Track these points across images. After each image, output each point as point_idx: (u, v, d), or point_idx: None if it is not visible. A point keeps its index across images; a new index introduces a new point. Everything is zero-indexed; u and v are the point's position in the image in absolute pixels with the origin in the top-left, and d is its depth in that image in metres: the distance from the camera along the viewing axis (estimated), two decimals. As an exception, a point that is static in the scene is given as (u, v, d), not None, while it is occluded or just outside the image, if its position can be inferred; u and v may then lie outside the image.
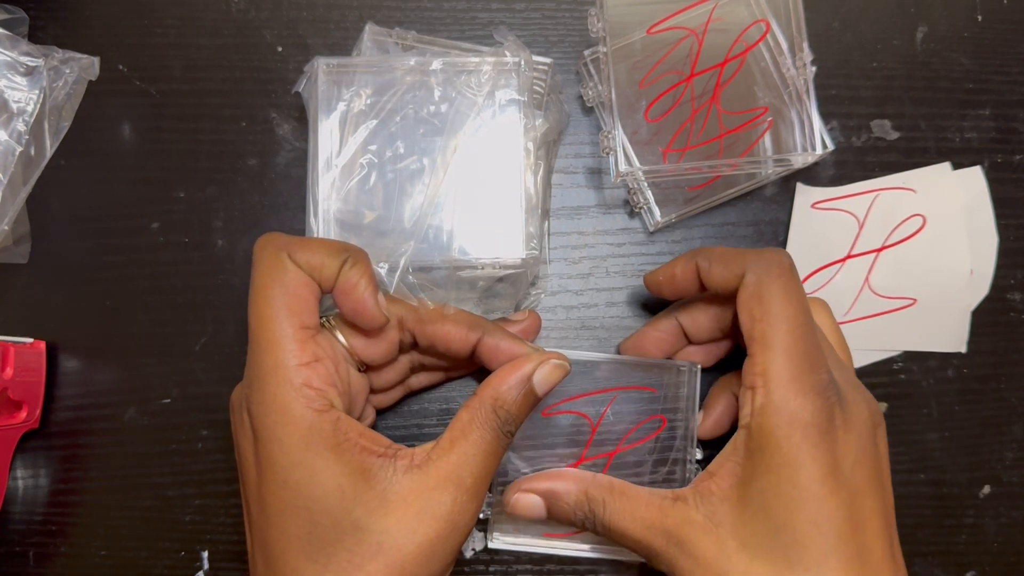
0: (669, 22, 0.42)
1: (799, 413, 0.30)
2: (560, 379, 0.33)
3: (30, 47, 0.44)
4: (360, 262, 0.32)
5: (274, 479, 0.29)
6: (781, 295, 0.32)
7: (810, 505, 0.29)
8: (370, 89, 0.40)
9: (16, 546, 0.43)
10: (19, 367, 0.41)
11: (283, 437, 0.29)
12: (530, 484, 0.35)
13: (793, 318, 0.31)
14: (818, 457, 0.29)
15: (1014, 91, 0.46)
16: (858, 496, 0.30)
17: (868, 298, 0.44)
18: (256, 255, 0.32)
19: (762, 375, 0.31)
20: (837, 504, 0.29)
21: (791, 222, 0.44)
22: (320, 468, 0.29)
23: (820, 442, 0.30)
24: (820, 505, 0.29)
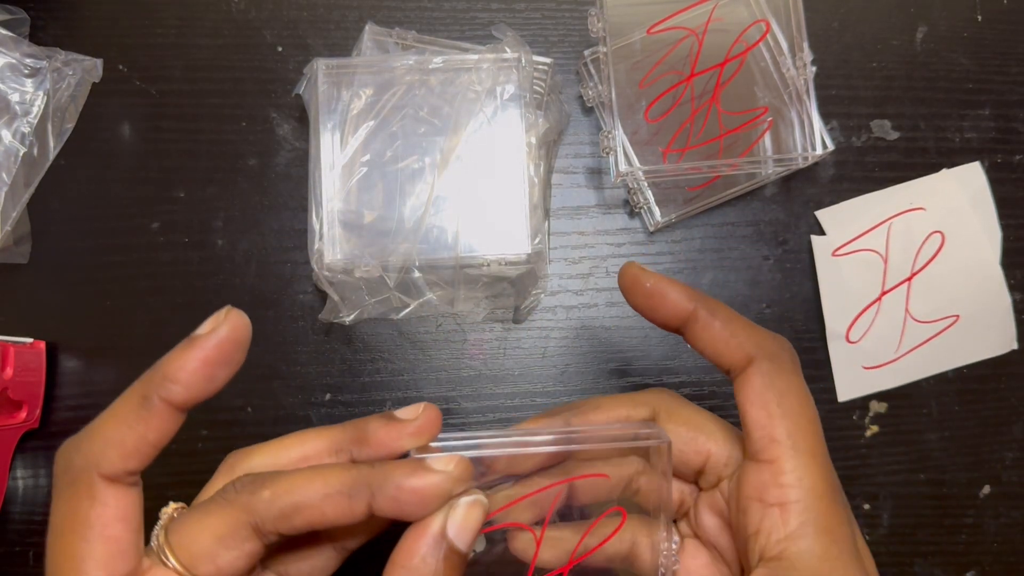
0: (669, 22, 0.42)
1: (839, 534, 0.25)
2: (483, 517, 0.25)
3: (33, 48, 0.44)
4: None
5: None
6: (801, 394, 0.27)
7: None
8: (370, 89, 0.40)
9: (16, 546, 0.43)
10: (19, 367, 0.41)
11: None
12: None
13: (814, 421, 0.27)
14: None
15: (1014, 91, 0.46)
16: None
17: (913, 328, 0.44)
18: (56, 478, 0.24)
19: (797, 487, 0.25)
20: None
21: (818, 278, 0.44)
22: None
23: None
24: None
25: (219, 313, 0.24)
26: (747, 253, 0.45)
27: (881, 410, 0.44)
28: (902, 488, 0.44)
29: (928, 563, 0.44)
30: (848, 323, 0.44)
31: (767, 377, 0.27)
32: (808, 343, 0.44)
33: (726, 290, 0.45)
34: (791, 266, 0.45)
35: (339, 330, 0.44)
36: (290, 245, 0.44)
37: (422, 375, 0.44)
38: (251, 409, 0.43)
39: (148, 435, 0.24)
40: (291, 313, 0.44)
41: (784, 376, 0.27)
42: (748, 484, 0.26)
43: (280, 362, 0.43)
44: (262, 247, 0.44)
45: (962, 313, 0.44)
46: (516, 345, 0.44)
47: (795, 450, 0.26)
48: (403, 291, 0.40)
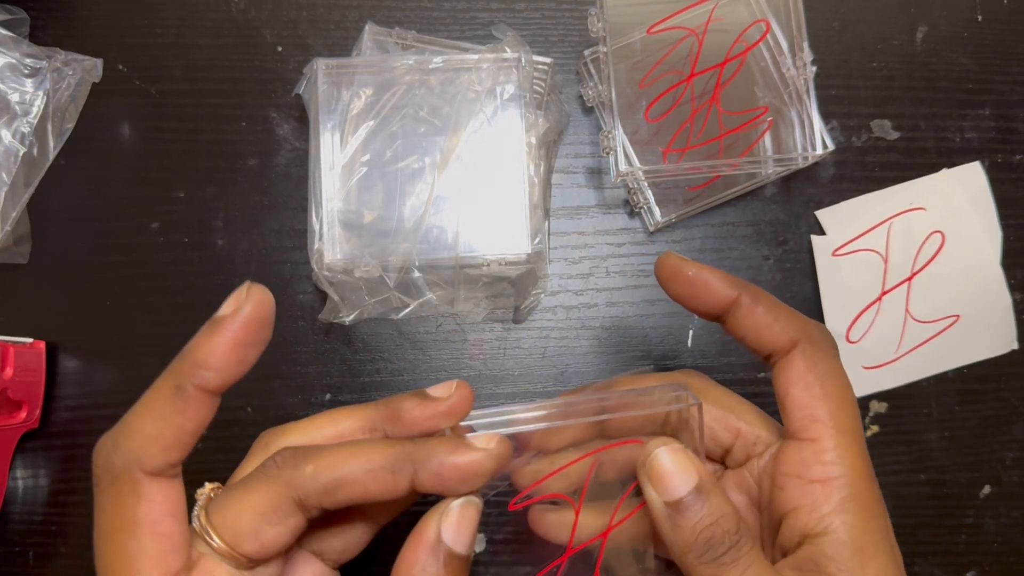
0: (669, 22, 0.42)
1: (877, 510, 0.26)
2: (477, 517, 0.25)
3: (33, 48, 0.44)
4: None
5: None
6: (841, 377, 0.28)
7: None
8: (370, 89, 0.40)
9: (16, 546, 0.43)
10: (19, 367, 0.41)
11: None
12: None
13: (853, 404, 0.28)
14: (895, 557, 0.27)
15: (1014, 91, 0.46)
16: None
17: (913, 328, 0.44)
18: (97, 478, 0.24)
19: (839, 464, 0.26)
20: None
21: (818, 278, 0.44)
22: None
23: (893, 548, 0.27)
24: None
25: (240, 291, 0.23)
26: (747, 253, 0.45)
27: (881, 410, 0.44)
28: (902, 488, 0.44)
29: (928, 563, 0.44)
30: (848, 323, 0.44)
31: (810, 360, 0.27)
32: (808, 343, 0.44)
33: (726, 290, 0.44)
34: (791, 266, 0.45)
35: (339, 330, 0.44)
36: (290, 245, 0.44)
37: (422, 375, 0.44)
38: (251, 409, 0.43)
39: (186, 425, 0.23)
40: (291, 313, 0.44)
41: (826, 359, 0.28)
42: (787, 462, 0.27)
43: (280, 362, 0.43)
44: (262, 247, 0.44)
45: (962, 313, 0.44)
46: (516, 345, 0.44)
47: (837, 429, 0.26)
48: (403, 291, 0.40)
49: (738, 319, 0.29)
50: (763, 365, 0.44)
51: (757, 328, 0.29)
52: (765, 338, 0.28)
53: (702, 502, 0.25)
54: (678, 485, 0.25)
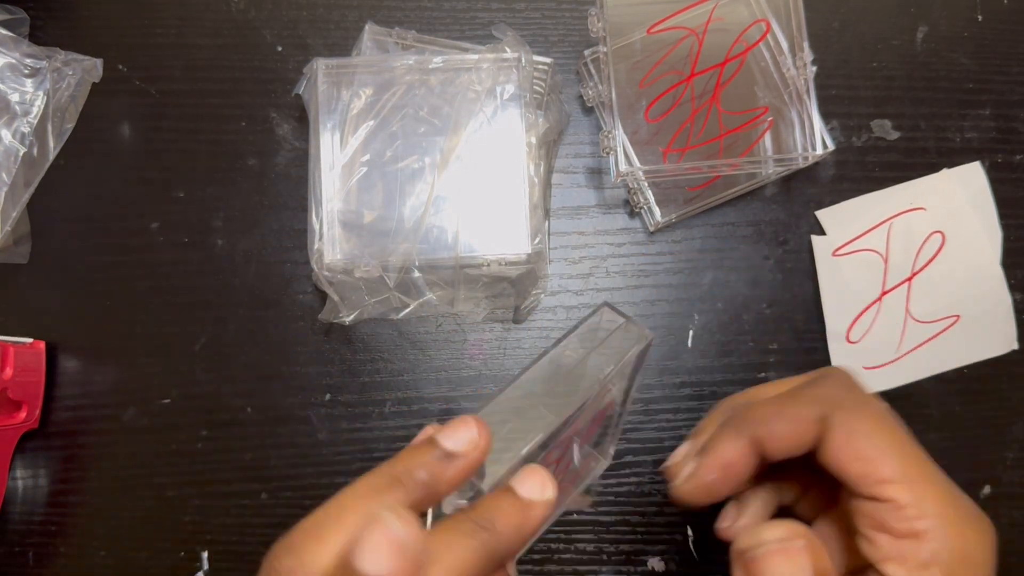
0: (669, 22, 0.42)
1: (978, 559, 0.26)
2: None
3: (33, 48, 0.44)
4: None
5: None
6: (887, 426, 0.27)
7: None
8: (370, 89, 0.40)
9: (16, 546, 0.43)
10: (19, 367, 0.41)
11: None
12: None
13: (911, 446, 0.27)
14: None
15: (1014, 91, 0.46)
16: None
17: (914, 328, 0.44)
18: None
19: (922, 517, 0.25)
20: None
21: (818, 278, 0.44)
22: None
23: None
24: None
25: (469, 428, 0.24)
26: (747, 253, 0.45)
27: (881, 410, 0.44)
28: (902, 488, 0.44)
29: (928, 563, 0.44)
30: (849, 323, 0.44)
31: (846, 428, 0.26)
32: (808, 343, 0.44)
33: (727, 290, 0.44)
34: (791, 266, 0.45)
35: (339, 330, 0.44)
36: (290, 245, 0.44)
37: (422, 375, 0.44)
38: (251, 409, 0.43)
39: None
40: (291, 313, 0.44)
41: (862, 418, 0.26)
42: (869, 518, 0.26)
43: (280, 362, 0.43)
44: (262, 247, 0.44)
45: (962, 313, 0.44)
46: (516, 345, 0.44)
47: (907, 482, 0.25)
48: (403, 291, 0.40)
49: (769, 449, 0.27)
50: (764, 365, 0.44)
51: (796, 439, 0.27)
52: (803, 439, 0.27)
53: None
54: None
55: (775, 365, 0.44)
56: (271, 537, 0.23)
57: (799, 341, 0.44)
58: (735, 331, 0.44)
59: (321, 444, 0.43)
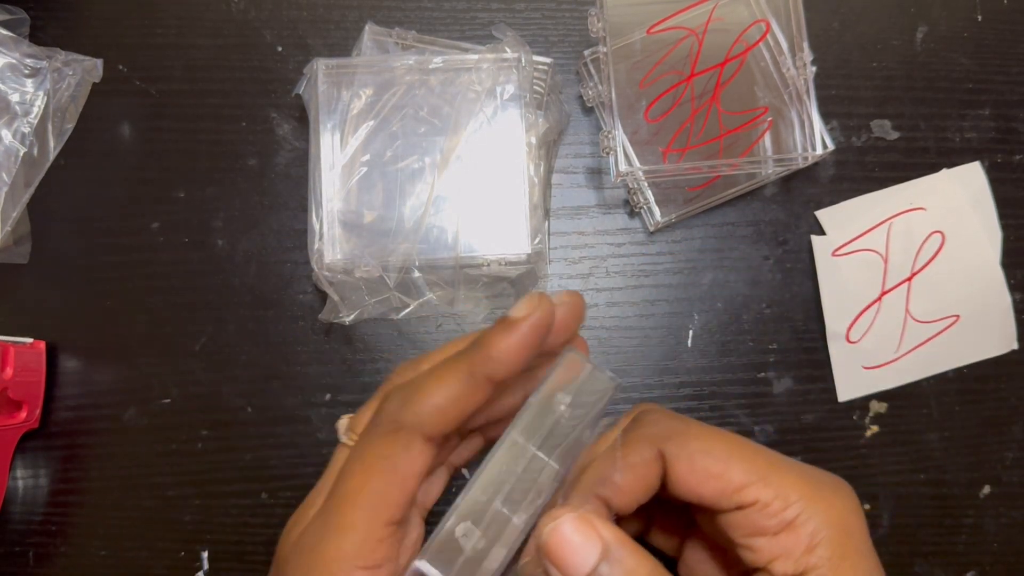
0: (669, 22, 0.42)
1: (854, 524, 0.25)
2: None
3: (33, 48, 0.44)
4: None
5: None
6: (717, 439, 0.26)
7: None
8: (370, 89, 0.40)
9: (16, 546, 0.43)
10: (19, 367, 0.41)
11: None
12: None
13: (749, 446, 0.26)
14: (877, 561, 0.26)
15: (1014, 91, 0.46)
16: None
17: (913, 328, 0.44)
18: (379, 420, 0.25)
19: (789, 508, 0.25)
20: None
21: (818, 278, 0.44)
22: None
23: (871, 546, 0.26)
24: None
25: (532, 297, 0.25)
26: (747, 253, 0.45)
27: (881, 410, 0.44)
28: (902, 488, 0.44)
29: (928, 563, 0.44)
30: (848, 323, 0.44)
31: (684, 456, 0.26)
32: (808, 343, 0.44)
33: (726, 290, 0.45)
34: (791, 266, 0.45)
35: (339, 330, 0.44)
36: (290, 245, 0.44)
37: (422, 375, 0.44)
38: (251, 409, 0.43)
39: (467, 408, 0.25)
40: (291, 313, 0.44)
41: (693, 438, 0.26)
42: (740, 527, 0.25)
43: (280, 362, 0.43)
44: (262, 247, 0.44)
45: (962, 313, 0.44)
46: (516, 345, 0.44)
47: (762, 479, 0.25)
48: (403, 291, 0.40)
49: (623, 503, 0.27)
50: (763, 365, 0.44)
51: (635, 492, 0.26)
52: (646, 488, 0.26)
53: (611, 574, 0.23)
54: (580, 563, 0.23)
55: (775, 365, 0.44)
56: (271, 537, 0.23)
57: (799, 341, 0.44)
58: (735, 331, 0.44)
59: (321, 444, 0.43)
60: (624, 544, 0.23)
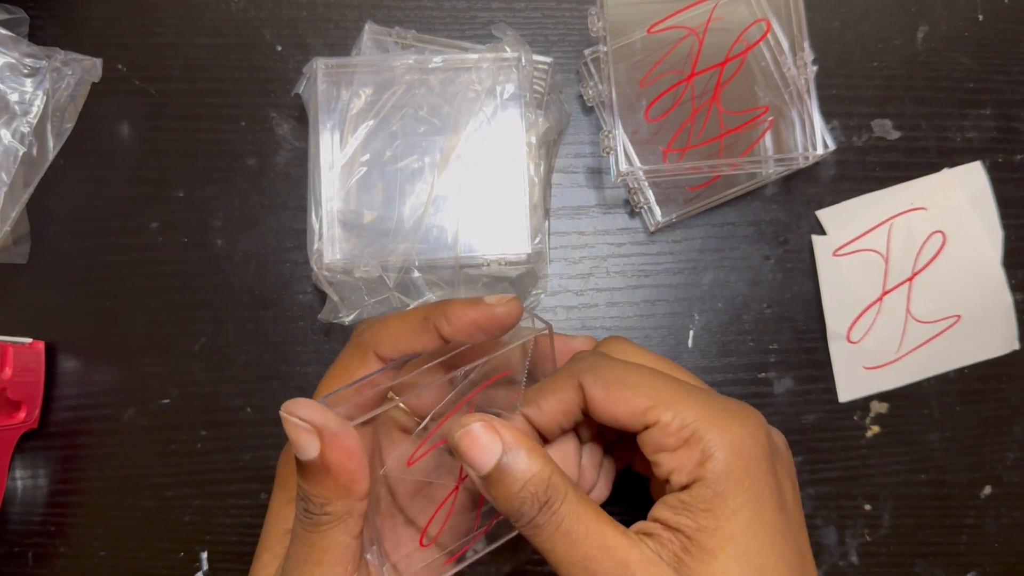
0: (669, 21, 0.42)
1: (747, 447, 0.27)
2: None
3: (32, 48, 0.44)
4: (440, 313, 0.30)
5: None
6: (629, 370, 0.29)
7: (778, 541, 0.27)
8: (370, 88, 0.40)
9: (15, 546, 0.43)
10: (18, 367, 0.41)
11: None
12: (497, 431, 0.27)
13: (654, 373, 0.29)
14: (773, 488, 0.27)
15: (1015, 91, 0.46)
16: (799, 521, 0.29)
17: (914, 328, 0.44)
18: (350, 340, 0.32)
19: (685, 425, 0.27)
20: (792, 535, 0.28)
21: (819, 278, 0.44)
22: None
23: (769, 472, 0.28)
24: (785, 540, 0.27)
25: (506, 296, 0.29)
26: (748, 253, 0.45)
27: (882, 410, 0.44)
28: (903, 488, 0.44)
29: (929, 563, 0.44)
30: (849, 323, 0.44)
31: (599, 383, 0.29)
32: (809, 343, 0.44)
33: (727, 290, 0.44)
34: (792, 266, 0.45)
35: (339, 330, 0.44)
36: (289, 245, 0.44)
37: (422, 375, 0.44)
38: (250, 409, 0.43)
39: (414, 345, 0.30)
40: (290, 313, 0.44)
41: (607, 369, 0.29)
42: (647, 445, 0.28)
43: (280, 362, 0.43)
44: (261, 247, 0.44)
45: (963, 313, 0.44)
46: (516, 345, 0.44)
47: (663, 403, 0.28)
48: (402, 291, 0.40)
49: (547, 422, 0.31)
50: (764, 365, 0.44)
51: (558, 414, 0.30)
52: (568, 412, 0.30)
53: (508, 470, 0.26)
54: (483, 460, 0.26)
55: (775, 365, 0.44)
56: (270, 538, 0.23)
57: (799, 341, 0.44)
58: (735, 331, 0.44)
59: (321, 444, 0.43)
60: (521, 441, 0.27)
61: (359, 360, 0.31)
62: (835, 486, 0.44)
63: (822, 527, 0.44)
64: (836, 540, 0.43)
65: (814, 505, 0.44)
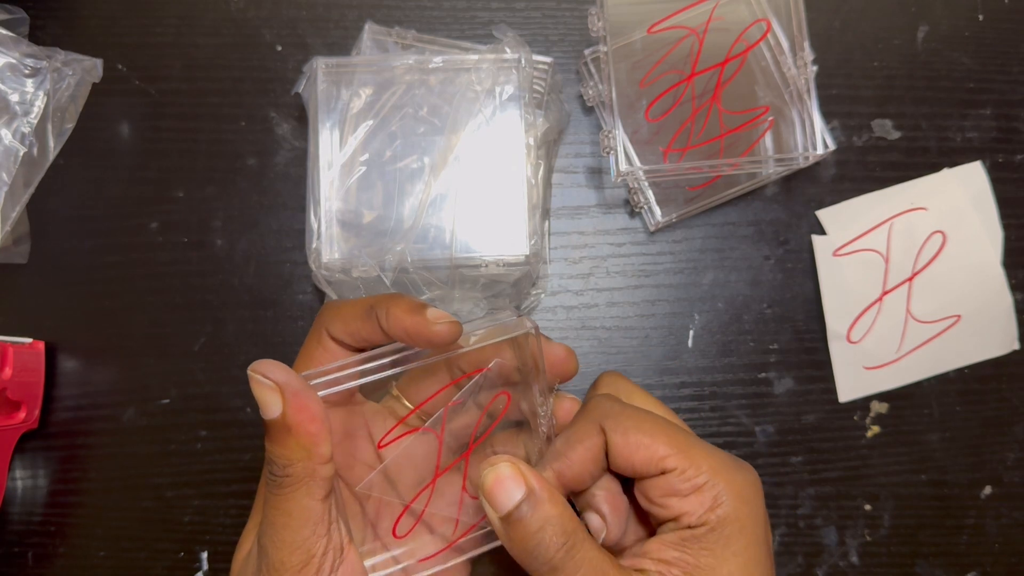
0: (669, 21, 0.42)
1: (750, 496, 0.29)
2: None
3: (33, 48, 0.44)
4: (386, 306, 0.30)
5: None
6: (647, 418, 0.30)
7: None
8: (369, 88, 0.40)
9: (15, 547, 0.43)
10: (18, 367, 0.41)
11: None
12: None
13: (669, 424, 0.30)
14: (766, 533, 0.30)
15: (1015, 91, 0.46)
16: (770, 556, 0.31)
17: (914, 328, 0.44)
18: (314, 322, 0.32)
19: (701, 475, 0.29)
20: (772, 572, 0.30)
21: (819, 278, 0.44)
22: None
23: (765, 519, 0.30)
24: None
25: (447, 317, 0.29)
26: (748, 253, 0.45)
27: (882, 410, 0.44)
28: (903, 489, 0.44)
29: (929, 564, 0.43)
30: (849, 323, 0.44)
31: (619, 431, 0.30)
32: (809, 343, 0.44)
33: (727, 290, 0.44)
34: (792, 266, 0.45)
35: (339, 330, 0.44)
36: (289, 245, 0.44)
37: (422, 375, 0.44)
38: (250, 409, 0.43)
39: (360, 330, 0.31)
40: (290, 313, 0.44)
41: (627, 416, 0.30)
42: (657, 489, 0.30)
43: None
44: (261, 247, 0.44)
45: (963, 313, 0.44)
46: (516, 345, 0.44)
47: (680, 451, 0.29)
48: (400, 291, 0.40)
49: (574, 476, 0.31)
50: (764, 365, 0.44)
51: (587, 463, 0.31)
52: (596, 460, 0.31)
53: (530, 512, 0.27)
54: (506, 500, 0.27)
55: (775, 365, 0.44)
56: (269, 538, 0.23)
57: (799, 341, 0.44)
58: (735, 331, 0.44)
59: (321, 444, 0.43)
60: (546, 491, 0.28)
61: (315, 341, 0.32)
62: (835, 486, 0.44)
63: (822, 527, 0.43)
64: (836, 540, 0.43)
65: (814, 505, 0.44)
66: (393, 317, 0.29)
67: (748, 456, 0.43)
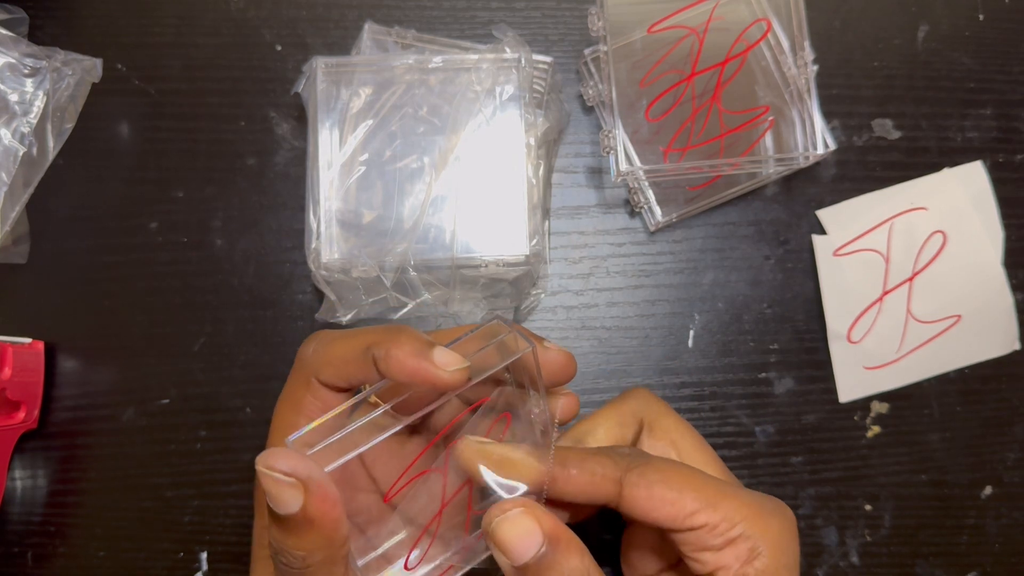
0: (670, 21, 0.42)
1: (787, 543, 0.29)
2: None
3: (32, 48, 0.44)
4: (386, 344, 0.27)
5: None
6: (675, 469, 0.29)
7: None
8: (369, 88, 0.40)
9: (14, 547, 0.43)
10: (18, 367, 0.41)
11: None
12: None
13: (697, 472, 0.29)
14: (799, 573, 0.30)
15: (1016, 90, 0.46)
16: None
17: (915, 328, 0.44)
18: (296, 360, 0.30)
19: (734, 527, 0.28)
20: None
21: (819, 278, 0.44)
22: None
23: (799, 564, 0.30)
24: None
25: (458, 362, 0.27)
26: (748, 253, 0.45)
27: (883, 411, 0.44)
28: (904, 489, 0.44)
29: (930, 564, 0.43)
30: (849, 323, 0.44)
31: (642, 484, 0.28)
32: (809, 343, 0.44)
33: (727, 290, 0.44)
34: (792, 266, 0.45)
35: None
36: (289, 245, 0.44)
37: (422, 375, 0.44)
38: (250, 409, 0.43)
39: (355, 375, 0.29)
40: (290, 313, 0.44)
41: (653, 468, 0.28)
42: (691, 543, 0.28)
43: (279, 362, 0.43)
44: (261, 247, 0.44)
45: (964, 313, 0.44)
46: (516, 345, 0.44)
47: (712, 507, 0.28)
48: (400, 291, 0.40)
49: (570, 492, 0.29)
50: (764, 365, 0.44)
51: (587, 494, 0.29)
52: (596, 496, 0.29)
53: (547, 564, 0.26)
54: (523, 552, 0.26)
55: (775, 365, 0.44)
56: (268, 538, 0.23)
57: (800, 341, 0.44)
58: (736, 331, 0.44)
59: (320, 444, 0.43)
60: (563, 538, 0.26)
61: (303, 388, 0.29)
62: (835, 486, 0.44)
63: (822, 527, 0.43)
64: (836, 540, 0.43)
65: (814, 505, 0.44)
66: (395, 360, 0.26)
67: (748, 456, 0.43)
